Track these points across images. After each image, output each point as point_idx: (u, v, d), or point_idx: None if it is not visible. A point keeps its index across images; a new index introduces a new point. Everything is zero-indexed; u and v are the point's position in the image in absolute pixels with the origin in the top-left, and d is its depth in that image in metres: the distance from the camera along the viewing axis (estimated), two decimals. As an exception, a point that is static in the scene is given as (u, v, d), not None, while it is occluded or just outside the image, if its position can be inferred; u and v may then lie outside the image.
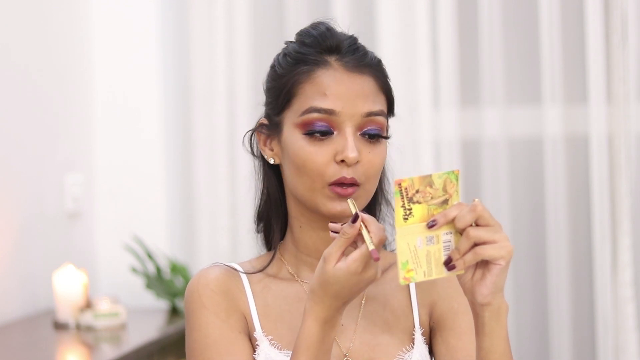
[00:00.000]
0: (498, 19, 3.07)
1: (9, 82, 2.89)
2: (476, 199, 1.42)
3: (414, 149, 3.08)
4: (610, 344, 2.93)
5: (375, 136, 1.59)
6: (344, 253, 1.46)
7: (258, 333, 1.61)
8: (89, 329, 2.77)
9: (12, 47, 2.91)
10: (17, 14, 2.94)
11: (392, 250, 1.72)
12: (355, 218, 1.45)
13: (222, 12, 3.21)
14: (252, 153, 1.69)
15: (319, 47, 1.61)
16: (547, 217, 3.05)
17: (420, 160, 3.07)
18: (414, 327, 1.64)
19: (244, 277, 1.65)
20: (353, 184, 1.57)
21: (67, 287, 2.81)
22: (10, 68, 2.90)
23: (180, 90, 3.31)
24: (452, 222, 1.41)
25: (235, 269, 1.66)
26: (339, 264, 1.45)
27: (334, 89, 1.58)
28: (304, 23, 1.68)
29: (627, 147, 2.90)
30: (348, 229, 1.45)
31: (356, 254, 1.44)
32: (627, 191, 2.90)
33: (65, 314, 2.79)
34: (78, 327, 2.78)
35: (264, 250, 1.72)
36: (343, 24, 1.67)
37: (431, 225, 1.41)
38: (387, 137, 1.61)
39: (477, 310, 1.46)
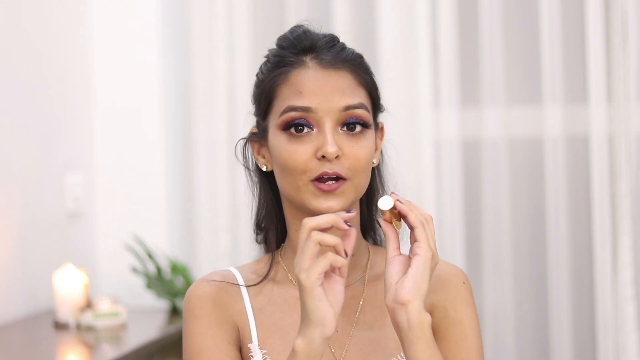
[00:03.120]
0: (498, 19, 3.06)
1: (9, 82, 2.89)
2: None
3: (414, 149, 3.08)
4: (610, 344, 2.93)
5: (355, 125, 1.58)
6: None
7: (254, 345, 1.61)
8: (89, 329, 2.77)
9: (12, 47, 2.91)
10: (18, 14, 2.93)
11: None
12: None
13: (223, 12, 3.20)
14: (247, 165, 1.69)
15: (294, 48, 1.61)
16: (547, 217, 3.04)
17: (421, 160, 3.07)
18: None
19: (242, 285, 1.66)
20: (338, 177, 1.56)
21: (68, 287, 2.81)
22: (11, 68, 2.90)
23: (180, 90, 3.31)
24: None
25: (233, 275, 1.66)
26: None
27: (308, 87, 1.58)
28: (304, 23, 1.69)
29: (627, 147, 2.90)
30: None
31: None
32: (627, 191, 2.90)
33: (66, 314, 2.79)
34: (78, 327, 2.78)
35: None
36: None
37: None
38: (368, 127, 1.60)
39: (395, 319, 1.48)
